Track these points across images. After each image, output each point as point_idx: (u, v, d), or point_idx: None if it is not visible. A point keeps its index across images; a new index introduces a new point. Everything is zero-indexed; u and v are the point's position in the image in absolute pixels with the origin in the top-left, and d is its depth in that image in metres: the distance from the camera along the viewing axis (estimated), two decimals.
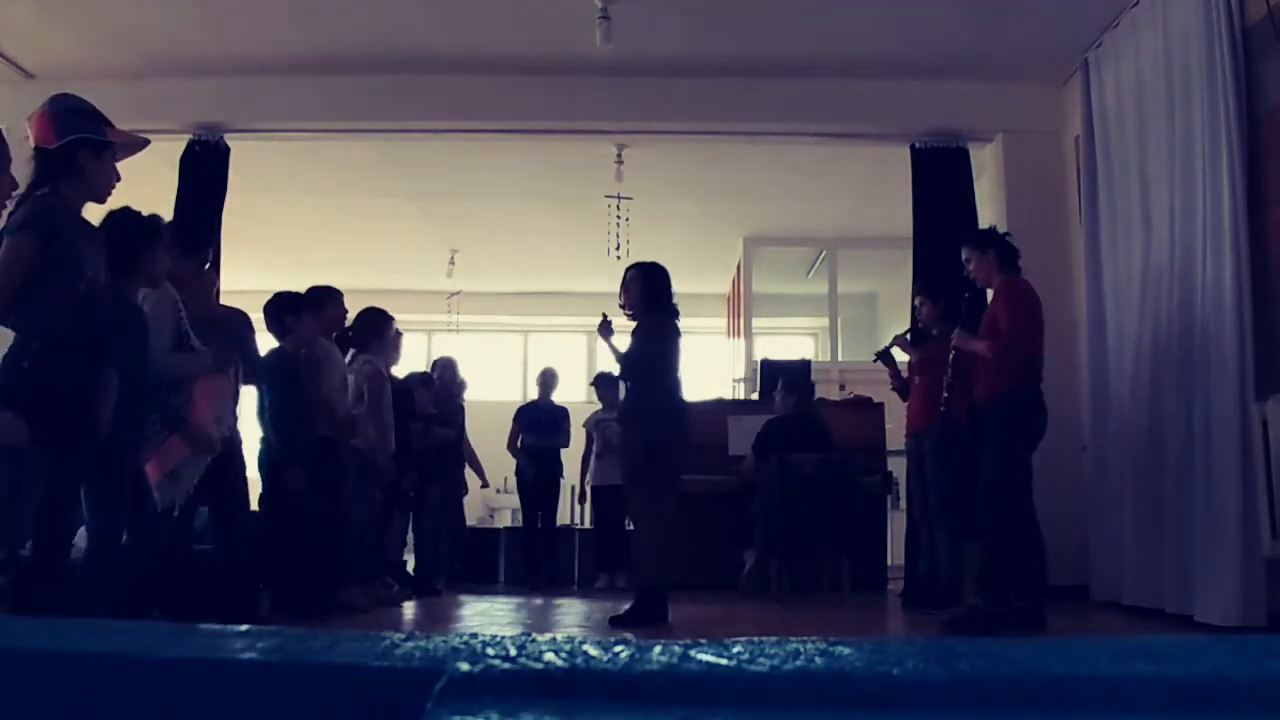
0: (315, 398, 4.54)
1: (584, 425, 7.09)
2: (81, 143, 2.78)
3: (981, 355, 4.27)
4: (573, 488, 7.40)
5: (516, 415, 7.19)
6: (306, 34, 5.77)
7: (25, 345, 2.65)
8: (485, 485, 7.30)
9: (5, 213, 2.73)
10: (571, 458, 7.19)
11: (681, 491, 4.58)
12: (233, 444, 3.95)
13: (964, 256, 4.44)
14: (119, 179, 2.93)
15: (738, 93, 6.24)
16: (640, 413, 4.40)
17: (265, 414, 4.40)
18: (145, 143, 3.01)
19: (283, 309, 4.52)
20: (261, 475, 4.38)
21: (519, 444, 7.06)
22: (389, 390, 5.27)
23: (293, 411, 4.34)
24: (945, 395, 4.89)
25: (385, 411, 5.13)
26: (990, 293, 4.53)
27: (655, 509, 4.35)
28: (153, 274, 3.27)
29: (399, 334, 5.74)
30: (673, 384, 4.46)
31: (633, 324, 4.53)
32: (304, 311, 4.54)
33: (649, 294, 4.49)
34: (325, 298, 4.89)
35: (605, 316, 4.60)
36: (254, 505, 4.35)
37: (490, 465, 7.25)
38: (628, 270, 4.62)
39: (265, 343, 4.56)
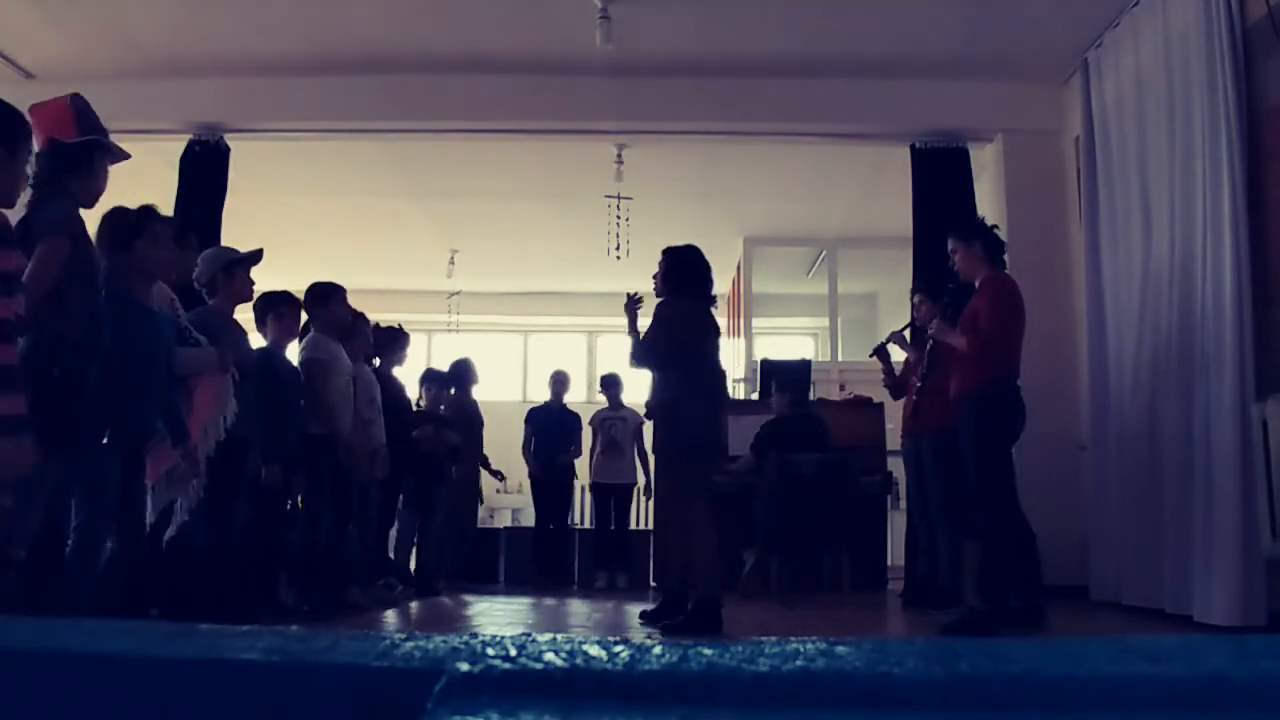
0: (321, 398, 4.54)
1: (589, 422, 7.09)
2: (98, 145, 2.79)
3: (959, 349, 4.22)
4: (583, 487, 7.40)
5: (528, 418, 7.17)
6: (306, 34, 5.78)
7: (54, 352, 2.62)
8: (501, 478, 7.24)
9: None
10: (582, 460, 7.19)
11: (716, 493, 4.33)
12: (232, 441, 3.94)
13: (950, 248, 4.38)
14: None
15: (738, 93, 6.24)
16: (669, 408, 4.18)
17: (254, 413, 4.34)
18: (127, 155, 3.03)
19: (261, 309, 4.50)
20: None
21: (531, 448, 7.04)
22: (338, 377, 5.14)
23: (272, 410, 4.30)
24: (919, 384, 4.89)
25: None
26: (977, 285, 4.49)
27: (705, 513, 4.11)
28: (145, 265, 3.20)
29: (403, 333, 5.73)
30: (699, 373, 4.18)
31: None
32: (282, 309, 4.51)
33: (673, 277, 4.28)
34: (327, 295, 4.83)
35: (634, 295, 4.38)
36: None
37: (492, 465, 7.24)
38: (661, 256, 4.42)
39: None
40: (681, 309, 4.22)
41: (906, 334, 5.37)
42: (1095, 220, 5.52)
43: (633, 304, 4.36)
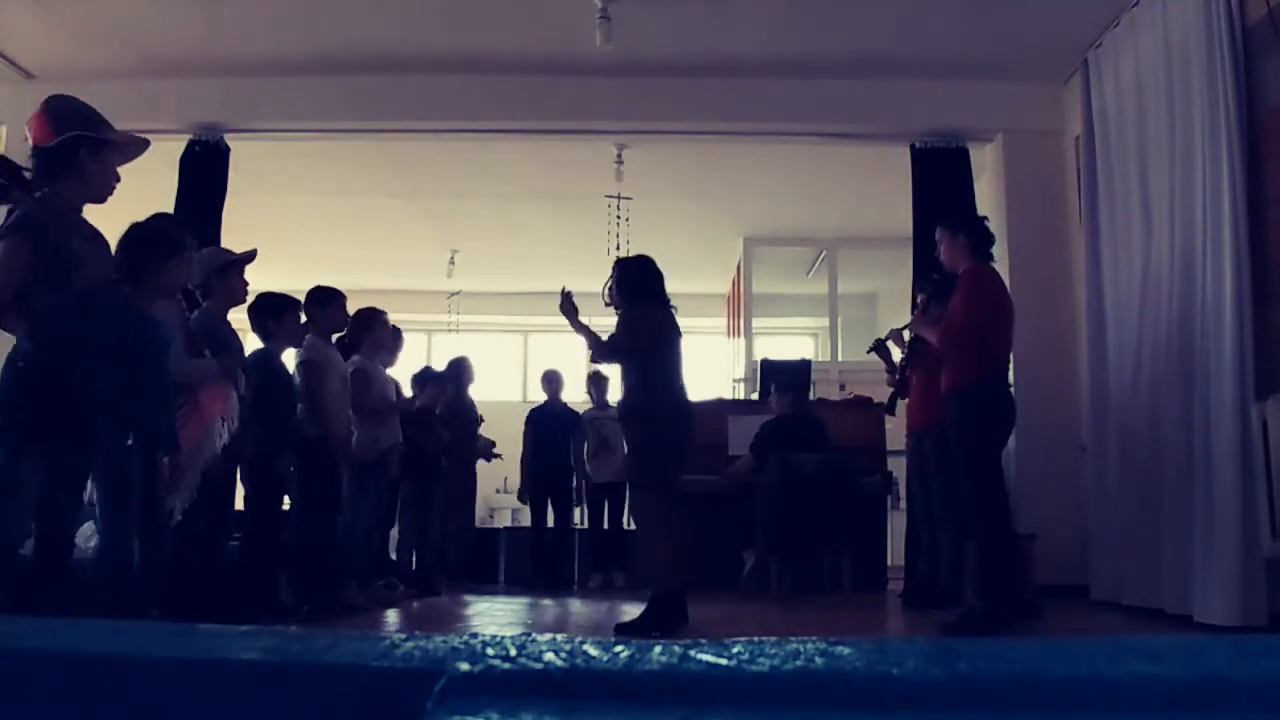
0: (317, 400, 4.55)
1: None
2: (81, 140, 2.78)
3: (930, 342, 4.25)
4: (573, 487, 7.38)
5: (528, 419, 7.14)
6: (306, 34, 5.78)
7: (20, 346, 2.67)
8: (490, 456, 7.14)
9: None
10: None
11: (683, 493, 4.34)
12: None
13: (936, 237, 4.36)
14: (118, 180, 2.92)
15: (738, 93, 6.24)
16: (635, 412, 4.21)
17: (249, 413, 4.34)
18: (146, 144, 3.00)
19: (264, 311, 4.50)
20: (244, 474, 4.35)
21: (529, 453, 6.97)
22: (377, 384, 5.25)
23: (274, 410, 4.32)
24: (897, 378, 4.89)
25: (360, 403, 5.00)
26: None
27: (661, 513, 4.15)
28: (167, 286, 3.29)
29: (397, 333, 5.72)
30: (664, 379, 4.19)
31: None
32: (285, 313, 4.52)
33: (625, 284, 4.28)
34: (328, 300, 4.86)
35: (565, 290, 4.31)
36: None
37: (491, 465, 7.23)
38: (613, 268, 4.45)
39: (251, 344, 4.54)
40: (641, 313, 4.22)
41: (905, 333, 5.36)
42: (1095, 220, 5.52)
43: (567, 300, 4.31)
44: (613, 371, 7.47)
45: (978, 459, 4.02)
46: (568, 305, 4.33)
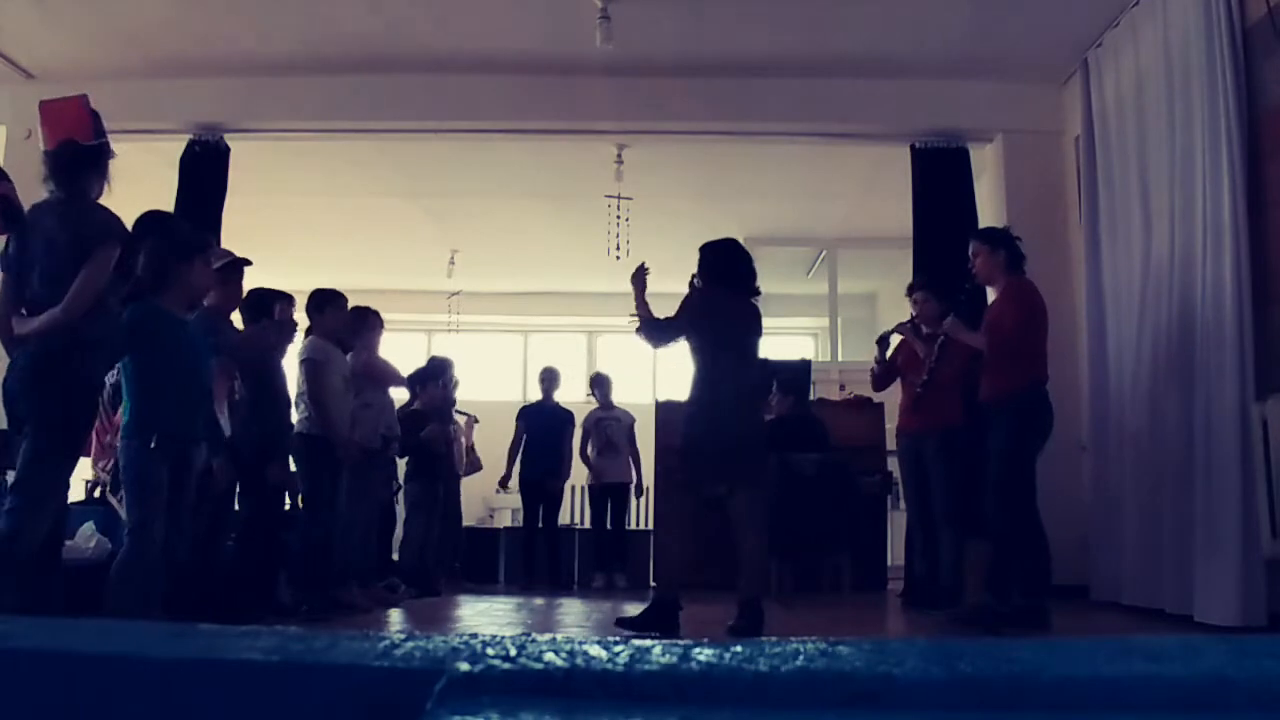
0: (319, 399, 4.55)
1: (583, 424, 7.08)
2: (107, 146, 2.83)
3: (975, 348, 4.29)
4: (581, 487, 7.39)
5: (520, 415, 7.14)
6: (306, 34, 5.78)
7: (82, 354, 2.67)
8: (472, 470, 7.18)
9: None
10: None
11: (711, 497, 4.09)
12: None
13: (972, 250, 4.39)
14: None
15: (738, 93, 6.24)
16: (685, 408, 4.15)
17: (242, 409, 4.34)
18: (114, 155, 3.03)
19: (255, 307, 4.50)
20: (241, 473, 4.33)
21: (521, 447, 7.00)
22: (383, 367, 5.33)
23: (270, 407, 4.32)
24: (925, 379, 4.89)
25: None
26: (990, 291, 4.54)
27: (679, 514, 4.08)
28: (194, 288, 3.28)
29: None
30: (702, 369, 4.06)
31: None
32: (276, 307, 4.51)
33: (703, 268, 4.25)
34: (326, 303, 4.86)
35: (643, 266, 4.27)
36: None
37: (490, 465, 7.23)
38: None
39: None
40: (694, 293, 4.17)
41: (922, 327, 5.32)
42: (1095, 220, 5.52)
43: (640, 273, 4.26)
44: (614, 372, 7.46)
45: (1020, 464, 4.09)
46: (639, 278, 4.24)
